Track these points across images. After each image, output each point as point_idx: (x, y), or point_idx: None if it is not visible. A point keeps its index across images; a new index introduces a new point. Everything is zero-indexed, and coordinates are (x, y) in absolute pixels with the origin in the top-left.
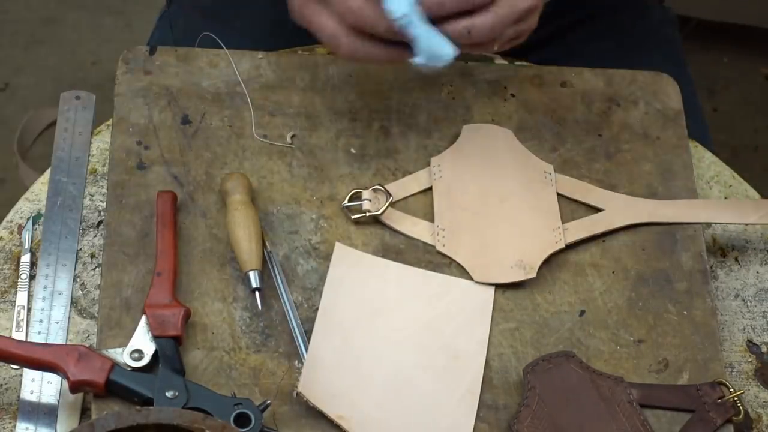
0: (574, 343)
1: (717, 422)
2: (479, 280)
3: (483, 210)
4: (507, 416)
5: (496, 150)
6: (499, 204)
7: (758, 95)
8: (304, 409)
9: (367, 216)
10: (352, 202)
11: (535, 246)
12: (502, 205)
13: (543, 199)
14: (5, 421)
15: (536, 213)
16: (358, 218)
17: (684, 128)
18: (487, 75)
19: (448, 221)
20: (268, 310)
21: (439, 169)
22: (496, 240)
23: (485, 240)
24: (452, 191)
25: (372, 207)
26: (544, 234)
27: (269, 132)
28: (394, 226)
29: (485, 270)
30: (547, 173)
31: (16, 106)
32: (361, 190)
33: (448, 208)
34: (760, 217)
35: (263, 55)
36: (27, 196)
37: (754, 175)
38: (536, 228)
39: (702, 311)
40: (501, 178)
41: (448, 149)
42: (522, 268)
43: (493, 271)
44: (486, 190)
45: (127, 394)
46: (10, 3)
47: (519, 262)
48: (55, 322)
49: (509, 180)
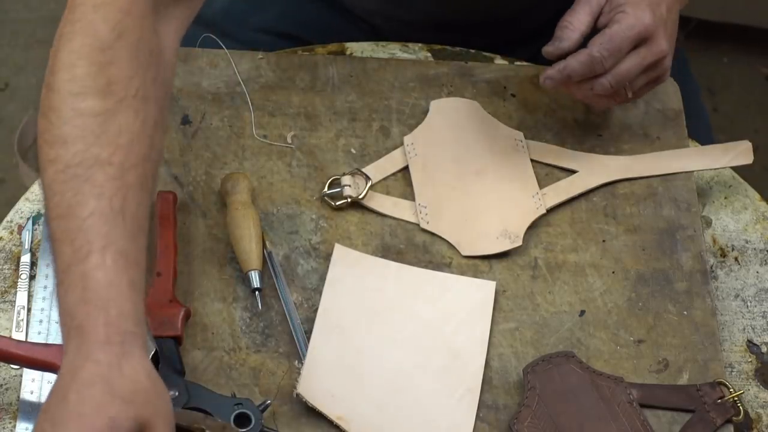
0: (574, 343)
1: (717, 422)
2: (466, 253)
3: (461, 184)
4: (507, 416)
5: (466, 122)
6: (475, 176)
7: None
8: (304, 409)
9: (349, 201)
10: (332, 190)
11: (517, 214)
12: (479, 176)
13: (518, 167)
14: (5, 421)
15: (513, 181)
16: (340, 204)
17: (684, 128)
18: (487, 75)
19: (428, 198)
20: (268, 310)
21: (413, 147)
22: (477, 212)
23: (467, 213)
24: (428, 167)
25: (353, 192)
26: (523, 201)
27: (269, 132)
28: (376, 208)
29: (471, 244)
30: (518, 140)
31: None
32: (340, 177)
33: (427, 184)
34: (730, 160)
35: (263, 55)
36: (27, 196)
37: (754, 175)
38: (515, 196)
39: (702, 311)
40: (474, 150)
41: (419, 126)
42: (507, 237)
43: (480, 244)
44: (461, 163)
45: None
46: (10, 3)
47: (504, 231)
48: (55, 322)
49: (482, 151)
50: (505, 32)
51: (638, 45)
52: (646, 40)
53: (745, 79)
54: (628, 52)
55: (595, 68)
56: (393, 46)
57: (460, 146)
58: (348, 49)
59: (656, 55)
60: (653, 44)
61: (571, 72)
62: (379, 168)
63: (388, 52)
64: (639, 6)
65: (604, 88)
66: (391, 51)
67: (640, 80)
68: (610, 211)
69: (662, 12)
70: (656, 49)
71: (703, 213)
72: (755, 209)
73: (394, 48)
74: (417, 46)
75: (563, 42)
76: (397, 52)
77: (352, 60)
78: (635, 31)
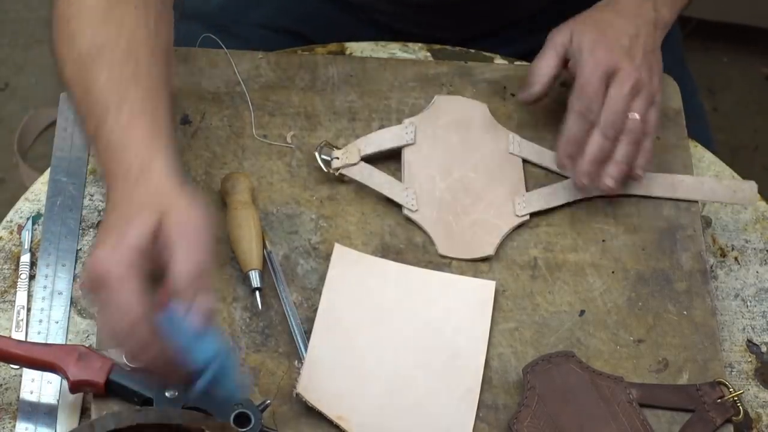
0: (573, 343)
1: (717, 422)
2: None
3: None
4: (507, 416)
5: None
6: (466, 173)
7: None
8: (303, 409)
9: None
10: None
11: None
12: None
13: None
14: (5, 421)
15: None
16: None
17: (684, 128)
18: (487, 75)
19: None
20: (268, 310)
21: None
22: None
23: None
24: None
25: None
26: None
27: (269, 132)
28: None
29: (451, 244)
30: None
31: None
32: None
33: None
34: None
35: (263, 55)
36: (27, 196)
37: (754, 175)
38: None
39: (702, 311)
40: (467, 149)
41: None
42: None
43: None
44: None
45: (127, 394)
46: (10, 3)
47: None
48: (54, 322)
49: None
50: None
51: (610, 80)
52: (613, 73)
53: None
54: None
55: (588, 118)
56: (393, 45)
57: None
58: (348, 48)
59: (632, 80)
60: (622, 72)
61: (570, 134)
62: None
63: (388, 51)
64: (595, 48)
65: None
66: (391, 51)
67: (637, 105)
68: (610, 211)
69: (623, 43)
70: (628, 76)
71: (703, 213)
72: (755, 209)
73: (394, 48)
74: (417, 45)
75: (534, 87)
76: (397, 51)
77: (352, 60)
78: (599, 71)
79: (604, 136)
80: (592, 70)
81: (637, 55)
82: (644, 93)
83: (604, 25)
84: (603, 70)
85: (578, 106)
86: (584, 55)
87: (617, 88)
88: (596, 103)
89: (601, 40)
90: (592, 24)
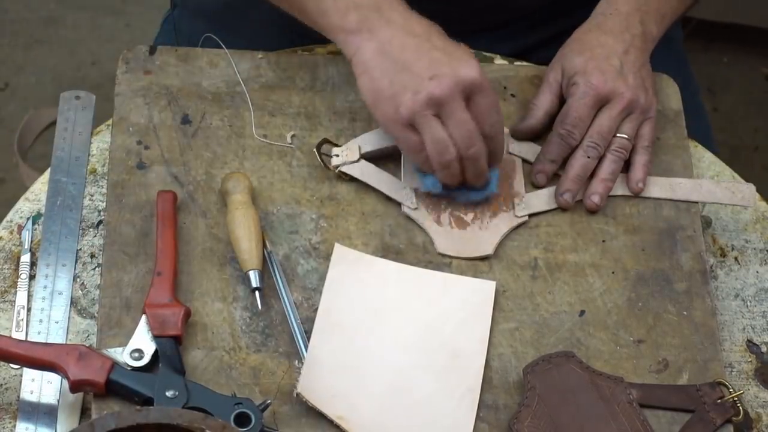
0: (574, 343)
1: (717, 422)
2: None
3: None
4: (507, 416)
5: None
6: None
7: (758, 95)
8: (304, 409)
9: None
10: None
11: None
12: None
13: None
14: (5, 421)
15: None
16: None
17: (684, 128)
18: (487, 75)
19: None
20: (268, 310)
21: None
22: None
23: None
24: None
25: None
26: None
27: (269, 132)
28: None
29: (450, 243)
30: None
31: (16, 106)
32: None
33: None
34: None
35: (263, 55)
36: (27, 196)
37: (754, 175)
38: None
39: (702, 311)
40: None
41: None
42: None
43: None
44: None
45: (127, 393)
46: (10, 3)
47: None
48: (54, 321)
49: None
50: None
51: (602, 105)
52: (606, 99)
53: (745, 79)
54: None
55: (568, 142)
56: None
57: None
58: None
59: (624, 102)
60: (615, 97)
61: (549, 155)
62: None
63: None
64: (587, 72)
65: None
66: None
67: (627, 127)
68: (610, 211)
69: (614, 63)
70: (620, 99)
71: (702, 213)
72: (755, 209)
73: None
74: None
75: (530, 120)
76: None
77: None
78: (589, 97)
79: (585, 154)
80: (584, 94)
81: (630, 73)
82: (637, 112)
83: (593, 44)
84: (594, 96)
85: (561, 129)
86: (577, 79)
87: (607, 112)
88: (579, 129)
89: (592, 61)
90: (580, 45)
